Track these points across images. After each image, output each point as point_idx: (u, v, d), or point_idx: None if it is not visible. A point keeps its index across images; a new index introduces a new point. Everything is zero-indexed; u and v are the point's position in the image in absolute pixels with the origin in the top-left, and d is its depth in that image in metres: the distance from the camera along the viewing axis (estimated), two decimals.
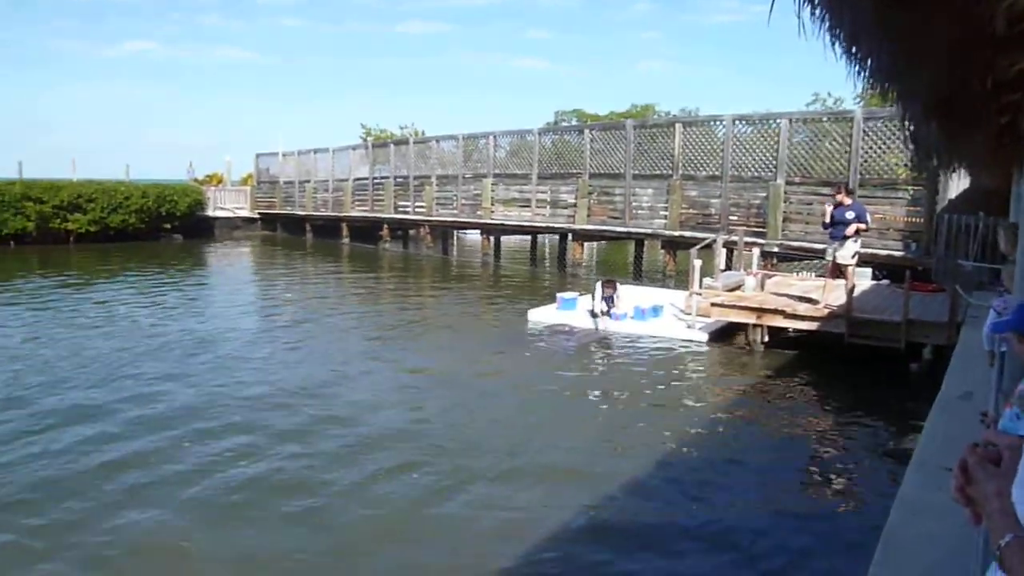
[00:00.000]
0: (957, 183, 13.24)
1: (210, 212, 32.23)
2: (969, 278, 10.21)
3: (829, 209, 10.92)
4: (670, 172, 18.07)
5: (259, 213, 33.48)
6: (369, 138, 40.61)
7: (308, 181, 30.88)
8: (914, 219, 14.27)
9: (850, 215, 10.60)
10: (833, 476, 6.74)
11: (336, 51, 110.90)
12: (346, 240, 28.77)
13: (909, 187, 14.60)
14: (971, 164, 7.01)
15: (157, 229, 28.98)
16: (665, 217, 18.12)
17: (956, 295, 9.42)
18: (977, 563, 2.46)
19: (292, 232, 31.93)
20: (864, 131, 14.74)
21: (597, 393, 9.03)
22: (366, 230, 28.30)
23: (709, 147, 17.63)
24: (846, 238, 10.80)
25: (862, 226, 10.84)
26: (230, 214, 33.06)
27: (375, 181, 27.82)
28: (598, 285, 12.52)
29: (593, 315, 12.32)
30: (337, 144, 30.32)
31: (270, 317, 14.10)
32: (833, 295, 10.70)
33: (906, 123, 3.75)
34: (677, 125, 18.44)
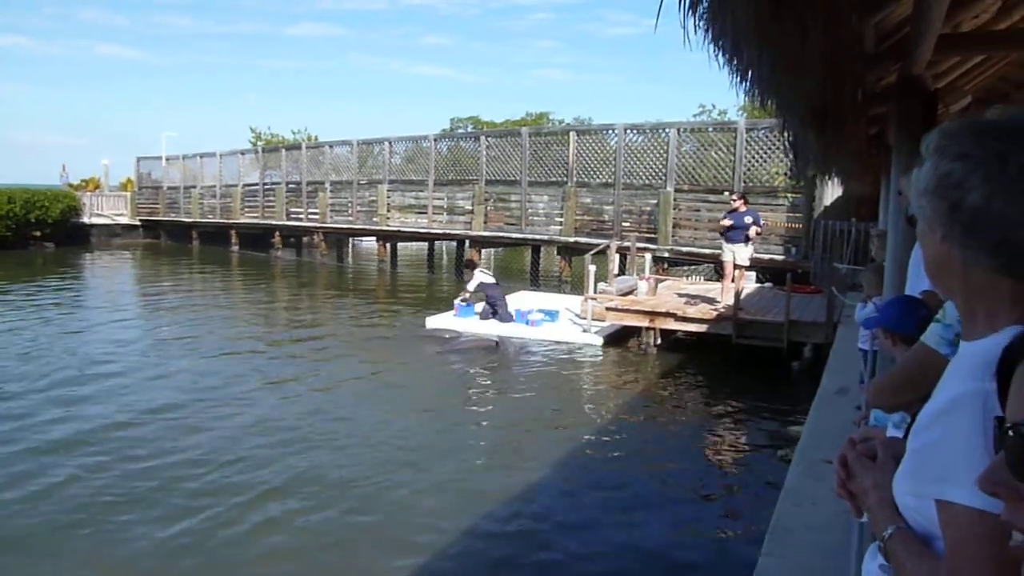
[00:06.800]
0: (831, 190, 14.09)
1: (86, 219, 30.38)
2: (844, 280, 10.84)
3: (727, 223, 11.17)
4: (565, 179, 18.38)
5: (141, 220, 31.83)
6: (260, 143, 39.40)
7: (194, 186, 29.61)
8: (794, 224, 15.10)
9: (748, 219, 11.11)
10: (723, 471, 7.00)
11: (226, 52, 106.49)
12: (235, 247, 27.73)
13: (789, 194, 15.43)
14: (844, 172, 7.45)
15: (26, 237, 27.03)
16: (560, 223, 18.42)
17: (832, 296, 9.99)
18: (856, 550, 2.59)
19: (177, 239, 30.52)
20: (747, 141, 15.47)
21: (495, 399, 9.04)
22: (257, 237, 27.40)
23: (602, 155, 18.06)
24: (748, 239, 11.19)
25: (759, 229, 11.39)
26: (108, 221, 31.28)
27: (266, 187, 26.99)
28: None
29: (483, 317, 12.43)
30: (225, 148, 29.27)
31: (149, 330, 13.37)
32: (728, 296, 11.14)
33: (785, 132, 3.94)
34: (571, 133, 18.81)
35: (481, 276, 12.76)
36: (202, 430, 7.45)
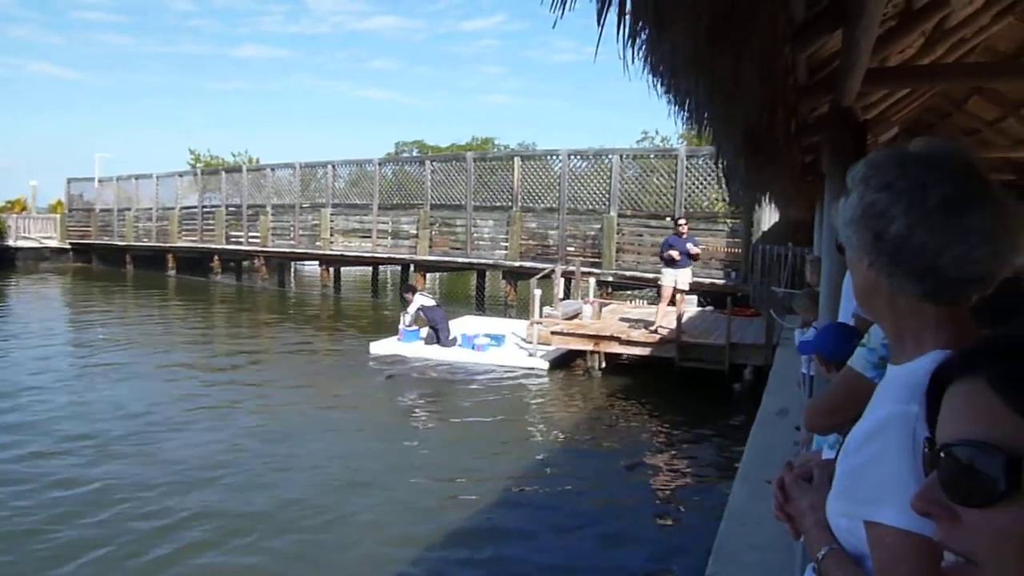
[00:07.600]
0: (769, 216, 14.49)
1: (12, 242, 29.30)
2: (781, 303, 11.10)
3: (675, 255, 11.26)
4: (510, 204, 18.49)
5: (71, 243, 30.83)
6: (199, 165, 38.62)
7: (129, 209, 28.83)
8: (733, 249, 15.46)
9: (690, 245, 11.37)
10: (668, 493, 7.04)
11: (167, 72, 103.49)
12: (172, 272, 27.02)
13: (728, 220, 15.81)
14: (779, 199, 7.67)
15: None
16: (506, 248, 18.49)
17: (771, 319, 10.22)
18: (799, 571, 2.63)
19: (110, 264, 29.59)
20: (687, 168, 15.83)
21: (441, 425, 8.95)
22: (195, 261, 26.75)
23: (547, 180, 18.25)
24: (688, 265, 11.47)
25: (698, 252, 11.70)
26: (36, 244, 30.22)
27: (205, 210, 26.43)
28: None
29: (428, 341, 12.35)
30: (162, 170, 28.59)
31: (77, 358, 12.83)
32: (668, 320, 11.29)
33: (719, 160, 4.03)
34: (516, 159, 18.96)
35: (421, 299, 12.71)
36: (128, 458, 7.16)
